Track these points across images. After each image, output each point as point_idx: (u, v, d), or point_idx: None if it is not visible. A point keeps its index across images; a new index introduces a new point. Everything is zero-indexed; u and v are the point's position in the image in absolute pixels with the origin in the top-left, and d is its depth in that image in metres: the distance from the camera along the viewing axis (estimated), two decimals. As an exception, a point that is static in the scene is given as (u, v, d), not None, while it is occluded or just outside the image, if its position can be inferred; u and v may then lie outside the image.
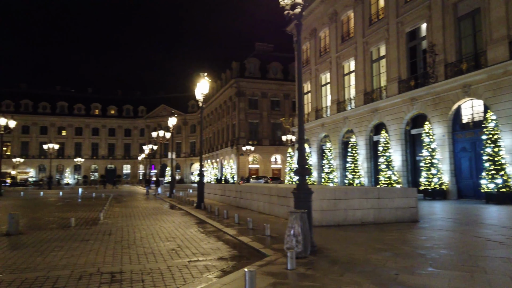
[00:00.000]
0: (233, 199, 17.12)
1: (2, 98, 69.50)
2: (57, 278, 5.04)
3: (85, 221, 11.70)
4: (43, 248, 7.16)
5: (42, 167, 70.69)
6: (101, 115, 76.73)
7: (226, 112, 56.89)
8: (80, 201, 21.58)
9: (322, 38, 31.19)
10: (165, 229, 9.92)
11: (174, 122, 26.48)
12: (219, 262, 6.03)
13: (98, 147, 76.21)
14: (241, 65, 53.04)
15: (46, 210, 15.91)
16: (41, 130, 72.06)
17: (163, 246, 7.46)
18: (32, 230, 9.69)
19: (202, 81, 16.10)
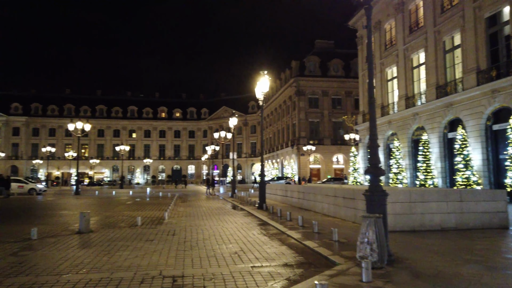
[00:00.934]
0: (295, 200, 16.61)
1: (81, 104, 75.60)
2: (119, 281, 4.95)
3: (151, 220, 11.93)
4: (110, 248, 7.25)
5: (116, 168, 75.66)
6: (167, 118, 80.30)
7: (286, 112, 56.43)
8: (148, 200, 22.44)
9: (388, 30, 29.48)
10: (227, 230, 9.72)
11: (234, 122, 26.60)
12: (284, 269, 5.58)
13: (165, 149, 79.81)
14: (300, 63, 52.27)
15: (117, 208, 16.64)
16: (114, 133, 77.18)
17: (226, 248, 7.20)
18: (102, 228, 10.02)
19: (262, 79, 15.82)
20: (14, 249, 7.11)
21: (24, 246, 7.48)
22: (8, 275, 5.27)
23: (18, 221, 11.91)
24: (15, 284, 4.82)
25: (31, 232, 8.37)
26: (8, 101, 71.75)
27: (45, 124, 73.42)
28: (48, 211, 15.62)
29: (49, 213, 14.69)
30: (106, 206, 18.27)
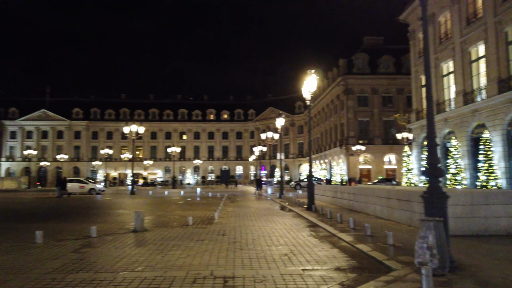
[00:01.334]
0: (345, 201, 16.17)
1: (135, 108, 79.34)
2: (172, 280, 5.04)
3: (201, 220, 12.16)
4: (163, 247, 7.46)
5: (168, 168, 78.47)
6: (215, 120, 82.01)
7: (334, 111, 55.33)
8: (198, 200, 22.97)
9: (442, 23, 27.89)
10: (276, 231, 9.65)
11: (281, 123, 26.50)
12: (337, 274, 5.40)
13: (214, 150, 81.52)
14: (348, 61, 51.00)
15: (169, 208, 17.18)
16: (166, 135, 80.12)
17: (275, 250, 7.13)
18: (155, 227, 10.36)
19: (309, 78, 15.59)
20: (76, 246, 7.53)
21: (84, 243, 7.90)
22: (70, 271, 5.57)
23: (79, 220, 12.66)
24: (76, 280, 5.08)
25: (90, 230, 8.84)
26: (70, 106, 76.96)
27: (103, 128, 77.85)
28: (106, 210, 16.47)
29: (107, 212, 15.48)
30: (159, 205, 18.93)
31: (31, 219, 13.17)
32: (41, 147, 74.32)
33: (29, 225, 10.93)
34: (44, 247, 7.39)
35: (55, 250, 7.14)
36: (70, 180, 34.38)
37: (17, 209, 17.73)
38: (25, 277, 5.20)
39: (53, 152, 74.24)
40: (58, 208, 18.51)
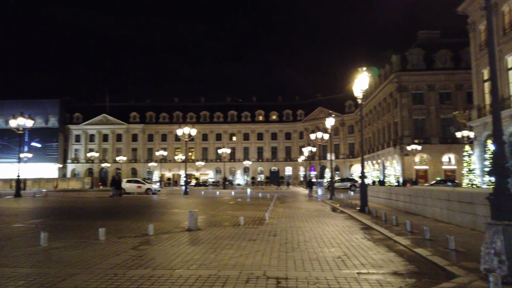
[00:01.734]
0: (401, 203, 15.51)
1: (187, 111, 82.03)
2: (226, 279, 5.12)
3: (252, 220, 12.26)
4: (216, 246, 7.61)
5: (218, 169, 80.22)
6: (264, 121, 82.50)
7: (387, 109, 53.35)
8: (248, 201, 23.21)
9: (506, 12, 25.86)
10: (328, 233, 9.48)
11: (331, 123, 26.03)
12: (394, 278, 5.18)
13: (263, 151, 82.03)
14: (401, 57, 48.93)
15: (221, 208, 17.53)
16: (217, 137, 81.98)
17: (328, 252, 7.00)
18: (208, 226, 10.61)
19: (360, 76, 15.16)
20: (135, 243, 7.90)
21: (143, 241, 8.27)
22: (130, 267, 5.85)
23: (137, 218, 13.29)
24: (136, 275, 5.32)
25: (148, 228, 9.24)
26: (128, 111, 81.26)
27: (158, 130, 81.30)
28: (162, 209, 17.16)
29: (162, 211, 16.12)
30: (211, 205, 19.38)
31: (94, 217, 14.05)
32: (102, 149, 79.22)
33: (93, 223, 11.66)
34: (106, 244, 7.84)
35: (116, 246, 7.55)
36: (128, 181, 36.26)
37: (81, 208, 19.01)
38: (89, 272, 5.54)
39: (113, 154, 78.79)
40: (118, 207, 19.58)
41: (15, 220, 12.69)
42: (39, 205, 20.42)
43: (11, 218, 13.62)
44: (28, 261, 6.31)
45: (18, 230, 10.29)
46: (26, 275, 5.38)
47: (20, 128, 29.68)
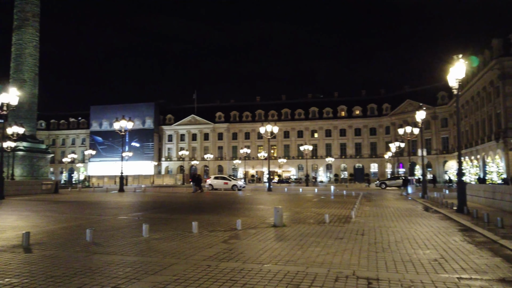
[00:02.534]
0: (507, 203, 13.90)
1: (269, 109, 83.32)
2: (314, 276, 5.11)
3: (338, 218, 12.02)
4: (302, 243, 7.63)
5: (300, 166, 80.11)
6: (347, 117, 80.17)
7: (487, 100, 48.02)
8: (332, 198, 22.80)
9: None
10: (421, 234, 8.89)
11: (422, 116, 24.31)
12: (502, 286, 4.68)
13: (346, 147, 79.80)
14: (504, 41, 43.62)
15: (305, 205, 17.50)
16: (298, 134, 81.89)
17: (423, 254, 6.57)
18: (293, 223, 10.67)
19: (456, 64, 13.89)
20: (225, 237, 8.29)
21: (232, 235, 8.64)
22: (222, 259, 6.16)
23: (225, 213, 13.90)
24: (228, 268, 5.58)
25: (236, 223, 9.62)
26: (214, 111, 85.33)
27: (241, 129, 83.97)
28: (248, 205, 17.70)
29: (248, 207, 16.62)
30: (295, 202, 19.44)
31: (186, 211, 15.04)
32: (191, 148, 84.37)
33: (186, 216, 12.50)
34: (199, 237, 8.35)
35: (208, 239, 8.00)
36: (215, 177, 38.12)
37: (175, 202, 20.46)
38: (186, 262, 5.96)
39: (201, 152, 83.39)
40: (207, 202, 20.70)
41: (120, 213, 14.16)
42: (139, 199, 22.48)
43: (117, 210, 15.24)
44: (133, 250, 7.00)
45: (123, 221, 11.46)
46: (132, 262, 5.97)
47: (122, 130, 32.99)
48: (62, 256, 6.41)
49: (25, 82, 32.15)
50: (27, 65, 32.62)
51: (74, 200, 21.74)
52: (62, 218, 12.31)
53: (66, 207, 17.18)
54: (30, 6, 32.88)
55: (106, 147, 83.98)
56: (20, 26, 32.57)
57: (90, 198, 23.73)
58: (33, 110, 33.58)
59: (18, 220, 11.75)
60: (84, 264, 5.82)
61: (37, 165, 32.76)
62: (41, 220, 11.80)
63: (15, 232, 8.97)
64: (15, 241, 7.75)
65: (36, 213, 14.12)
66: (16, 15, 32.74)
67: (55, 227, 10.06)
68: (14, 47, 32.68)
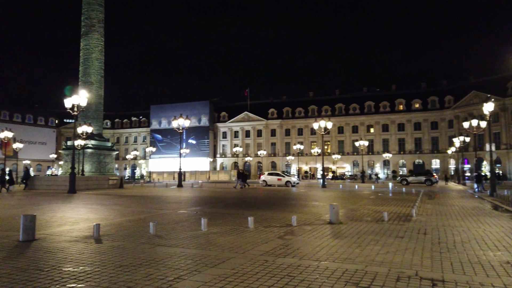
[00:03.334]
0: None
1: (322, 104, 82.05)
2: (374, 275, 4.98)
3: (397, 216, 11.58)
4: (360, 240, 7.45)
5: (355, 162, 78.07)
6: (405, 110, 76.60)
7: None
8: (391, 195, 21.97)
9: None
10: (491, 234, 8.29)
11: (490, 108, 22.57)
12: None
13: (404, 142, 76.33)
14: None
15: (361, 202, 17.05)
16: (353, 129, 79.73)
17: (493, 256, 6.13)
18: (349, 220, 10.45)
19: (531, 51, 12.68)
20: (280, 233, 8.33)
21: (287, 231, 8.66)
22: (278, 255, 6.20)
23: (280, 209, 13.96)
24: (285, 264, 5.61)
25: (291, 219, 9.62)
26: (266, 107, 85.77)
27: (294, 125, 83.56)
28: (302, 202, 17.62)
29: (302, 203, 16.55)
30: (350, 199, 19.01)
31: (241, 206, 15.31)
32: (245, 144, 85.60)
33: (241, 212, 12.74)
34: (255, 232, 8.48)
35: (264, 235, 8.09)
36: (269, 173, 38.39)
37: (230, 197, 20.89)
38: (243, 257, 6.08)
39: (254, 148, 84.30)
40: (262, 197, 20.91)
41: (180, 207, 14.77)
42: (197, 195, 23.28)
43: (176, 205, 15.92)
44: (193, 243, 7.28)
45: (182, 215, 11.94)
46: (193, 255, 6.21)
47: (180, 128, 34.30)
48: (128, 247, 6.83)
49: (92, 85, 34.51)
50: (94, 68, 34.97)
51: (137, 195, 23.03)
52: (127, 212, 13.12)
53: (130, 201, 18.26)
54: (96, 13, 35.17)
55: (165, 144, 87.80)
56: (87, 32, 34.98)
57: (151, 193, 25.00)
58: (99, 110, 35.97)
59: (89, 213, 12.70)
60: (149, 255, 6.16)
61: (104, 161, 35.10)
62: (109, 213, 12.66)
63: (87, 224, 9.71)
64: (87, 232, 8.40)
65: (104, 206, 15.17)
66: (83, 22, 35.20)
67: (122, 220, 10.74)
68: (82, 52, 35.19)
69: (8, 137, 38.48)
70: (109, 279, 4.81)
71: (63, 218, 11.11)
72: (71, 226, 9.46)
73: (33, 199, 19.06)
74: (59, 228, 9.02)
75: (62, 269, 5.29)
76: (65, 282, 4.68)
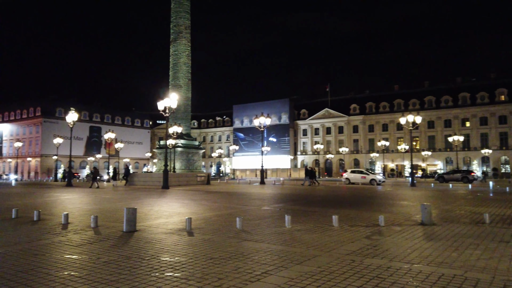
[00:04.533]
0: None
1: (409, 98, 77.04)
2: (476, 282, 4.55)
3: (501, 218, 10.43)
4: (457, 244, 6.87)
5: (449, 159, 71.93)
6: (507, 101, 68.37)
7: None
8: (491, 196, 19.86)
9: None
10: None
11: None
12: None
13: (507, 137, 68.22)
14: None
15: (456, 202, 15.69)
16: (445, 123, 73.47)
17: None
18: (444, 222, 9.69)
19: None
20: (367, 233, 8.05)
21: (374, 231, 8.33)
22: (366, 255, 6.00)
23: (365, 208, 13.48)
24: (373, 265, 5.41)
25: (378, 219, 9.24)
26: (348, 103, 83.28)
27: (378, 120, 79.85)
28: (389, 201, 16.79)
29: (390, 203, 15.76)
30: (444, 199, 17.59)
31: (324, 204, 15.10)
32: (326, 141, 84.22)
33: (324, 210, 12.58)
34: (340, 231, 8.31)
35: (350, 234, 7.89)
36: (352, 171, 37.32)
37: (312, 195, 20.73)
38: (329, 255, 6.01)
39: (336, 145, 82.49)
40: (345, 195, 20.40)
41: (263, 203, 15.11)
42: (278, 192, 23.56)
43: (260, 201, 16.30)
44: (278, 239, 7.39)
45: (266, 212, 12.19)
46: (278, 251, 6.32)
47: (261, 126, 35.02)
48: (217, 241, 7.19)
49: (181, 88, 36.88)
50: (182, 72, 37.34)
51: (222, 191, 24.09)
52: (214, 207, 13.80)
53: (217, 197, 19.17)
54: (183, 20, 37.51)
55: (247, 143, 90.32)
56: (176, 39, 37.45)
57: (235, 189, 25.94)
58: (187, 111, 38.32)
59: (181, 207, 13.64)
60: (237, 249, 6.41)
61: (192, 159, 37.34)
62: (198, 208, 13.45)
63: (179, 218, 10.44)
64: (180, 225, 9.03)
65: (194, 201, 16.15)
66: (172, 30, 37.76)
67: (210, 214, 11.34)
68: (172, 58, 37.79)
69: (111, 138, 43.06)
70: (201, 270, 5.12)
71: (159, 211, 12.10)
72: (166, 219, 10.26)
73: (133, 194, 21.04)
74: (156, 221, 9.84)
75: (160, 259, 5.78)
76: (164, 271, 5.11)
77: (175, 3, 37.71)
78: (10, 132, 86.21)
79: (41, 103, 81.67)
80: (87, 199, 17.65)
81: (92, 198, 18.21)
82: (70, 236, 7.70)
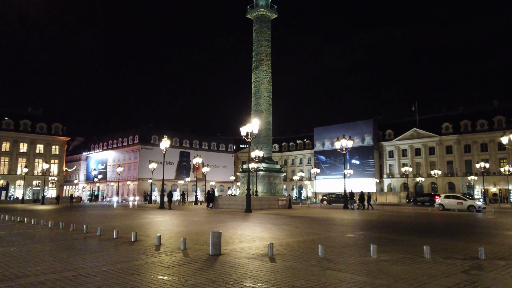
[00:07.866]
0: None
1: (511, 114, 69.14)
2: None
3: None
4: None
5: None
6: None
7: None
8: None
9: None
10: None
11: None
12: None
13: None
14: None
15: None
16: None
17: None
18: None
19: None
20: (464, 267, 7.30)
21: (473, 265, 7.53)
22: (463, 292, 5.45)
23: (461, 238, 12.26)
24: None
25: (478, 251, 8.33)
26: (439, 122, 77.40)
27: (475, 140, 72.74)
28: (491, 230, 15.05)
29: (492, 232, 14.12)
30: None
31: (414, 232, 14.07)
32: (415, 163, 78.86)
33: (415, 238, 11.72)
34: (432, 263, 7.67)
35: (444, 267, 7.23)
36: (446, 196, 34.29)
37: (400, 222, 19.45)
38: (420, 290, 5.57)
39: (427, 168, 76.73)
40: (438, 223, 18.77)
41: (347, 230, 14.60)
42: (363, 217, 22.54)
43: (343, 228, 15.79)
44: (362, 269, 7.08)
45: (350, 239, 11.76)
46: (363, 282, 6.04)
47: (343, 149, 34.26)
48: (299, 268, 7.13)
49: (262, 113, 37.99)
50: (263, 98, 38.53)
51: (304, 216, 23.83)
52: (296, 232, 13.71)
53: (298, 221, 19.02)
54: (264, 48, 39.01)
55: (329, 165, 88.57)
56: (257, 66, 38.98)
57: (317, 214, 25.47)
58: (269, 135, 39.17)
59: (262, 232, 13.82)
60: (319, 278, 6.29)
61: (274, 183, 37.78)
62: (280, 233, 13.49)
63: (261, 242, 10.58)
64: (262, 250, 9.15)
65: (276, 226, 16.24)
66: (254, 58, 39.43)
67: (292, 240, 11.29)
68: (254, 84, 39.31)
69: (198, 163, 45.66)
70: (283, 298, 5.12)
71: (242, 235, 12.41)
72: (249, 243, 10.47)
73: (218, 217, 21.89)
74: (239, 245, 10.10)
75: (243, 284, 5.91)
76: (247, 296, 5.21)
77: (257, 33, 39.47)
78: (113, 158, 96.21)
79: (139, 131, 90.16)
80: (177, 221, 18.82)
81: (181, 221, 19.36)
82: (162, 258, 8.27)
